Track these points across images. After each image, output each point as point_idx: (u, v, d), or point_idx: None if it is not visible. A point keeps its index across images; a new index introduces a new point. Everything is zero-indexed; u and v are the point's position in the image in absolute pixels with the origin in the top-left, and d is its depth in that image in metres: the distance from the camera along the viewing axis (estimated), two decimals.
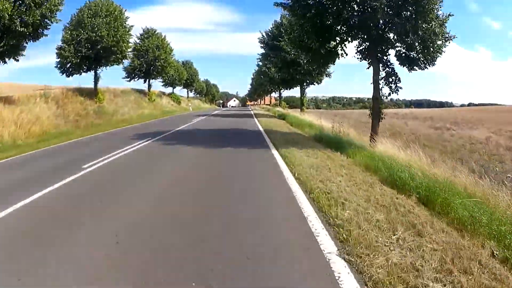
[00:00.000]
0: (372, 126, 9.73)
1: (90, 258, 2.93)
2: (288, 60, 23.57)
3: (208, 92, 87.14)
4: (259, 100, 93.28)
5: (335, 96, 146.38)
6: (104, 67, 23.29)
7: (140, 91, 34.36)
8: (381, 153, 7.65)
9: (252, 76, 68.85)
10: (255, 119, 24.11)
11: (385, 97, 9.72)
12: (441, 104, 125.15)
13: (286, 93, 50.07)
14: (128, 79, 33.35)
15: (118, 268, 2.75)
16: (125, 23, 23.12)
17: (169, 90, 46.82)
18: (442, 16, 9.59)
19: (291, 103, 67.08)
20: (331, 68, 25.56)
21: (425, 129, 27.08)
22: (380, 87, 9.60)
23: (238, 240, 3.26)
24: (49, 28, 16.57)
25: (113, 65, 23.32)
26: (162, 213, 4.14)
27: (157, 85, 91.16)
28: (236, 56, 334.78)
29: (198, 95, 76.73)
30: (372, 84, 9.68)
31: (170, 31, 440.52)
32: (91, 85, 23.73)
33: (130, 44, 24.04)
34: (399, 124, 28.69)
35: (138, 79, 33.96)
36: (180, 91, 55.39)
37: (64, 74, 22.70)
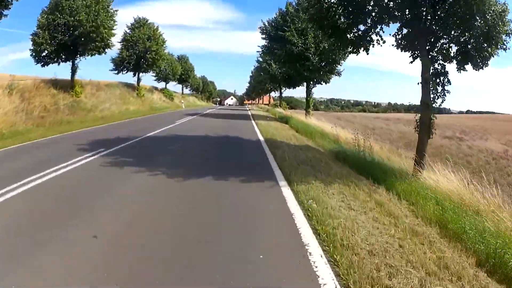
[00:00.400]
0: (418, 143, 6.85)
1: None
2: (295, 53, 20.10)
3: (205, 89, 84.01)
4: (257, 100, 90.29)
5: (333, 98, 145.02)
6: (83, 57, 20.48)
7: (129, 85, 31.41)
8: (438, 187, 5.16)
9: (251, 74, 65.92)
10: (253, 121, 21.19)
11: (434, 103, 7.06)
12: (438, 110, 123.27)
13: (285, 93, 47.44)
14: (116, 72, 30.31)
15: None
16: (108, 7, 20.32)
17: (162, 85, 44.10)
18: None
19: (290, 103, 64.69)
20: (342, 66, 22.66)
21: (437, 139, 24.92)
22: (432, 89, 6.89)
23: None
24: (9, 8, 14.11)
25: (93, 54, 20.36)
26: None
27: (150, 79, 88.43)
28: (235, 55, 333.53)
29: (194, 92, 73.77)
30: (420, 84, 6.78)
31: (169, 27, 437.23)
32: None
33: (113, 32, 21.10)
34: (409, 131, 26.45)
35: (127, 72, 30.83)
36: (174, 86, 52.64)
37: (39, 64, 20.12)
